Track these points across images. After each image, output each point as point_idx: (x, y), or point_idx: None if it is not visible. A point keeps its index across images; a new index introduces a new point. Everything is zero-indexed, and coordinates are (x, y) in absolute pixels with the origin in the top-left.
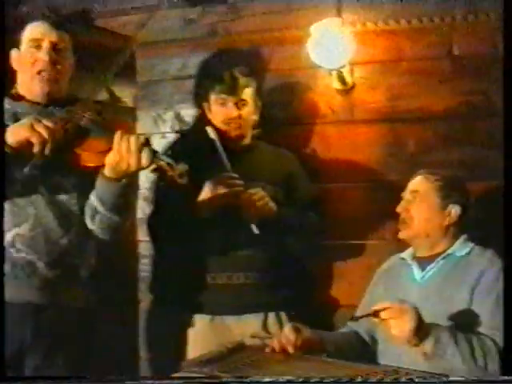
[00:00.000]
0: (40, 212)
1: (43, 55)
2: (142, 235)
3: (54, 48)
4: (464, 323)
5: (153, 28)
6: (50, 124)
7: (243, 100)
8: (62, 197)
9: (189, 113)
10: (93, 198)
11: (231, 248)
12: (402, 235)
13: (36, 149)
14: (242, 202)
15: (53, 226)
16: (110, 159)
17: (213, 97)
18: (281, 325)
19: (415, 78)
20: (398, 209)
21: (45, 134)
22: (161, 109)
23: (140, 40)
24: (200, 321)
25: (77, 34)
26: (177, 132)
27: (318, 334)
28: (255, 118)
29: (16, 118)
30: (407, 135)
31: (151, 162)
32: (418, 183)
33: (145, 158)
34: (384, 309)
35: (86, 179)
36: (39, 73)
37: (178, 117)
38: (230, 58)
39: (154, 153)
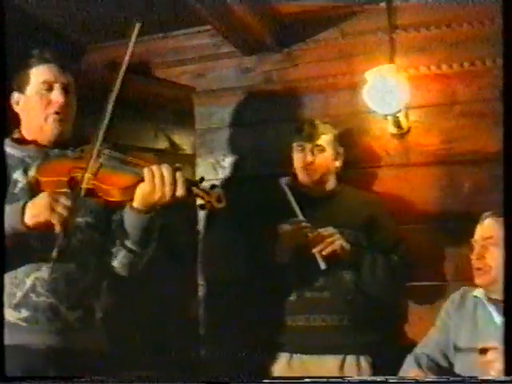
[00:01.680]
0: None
1: (58, 97)
2: (201, 279)
3: (65, 89)
4: None
5: (210, 77)
6: (67, 202)
7: (319, 146)
8: (80, 236)
9: None
10: (117, 233)
11: (308, 290)
12: (478, 282)
13: (57, 230)
14: (312, 242)
15: (72, 268)
16: (142, 190)
17: (294, 144)
18: (359, 367)
19: (469, 120)
20: (473, 256)
21: (64, 213)
22: (219, 155)
23: (198, 89)
24: (279, 359)
25: (135, 82)
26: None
27: None
28: (337, 164)
29: (25, 165)
30: (463, 177)
31: (186, 192)
32: (490, 228)
33: (180, 187)
34: (490, 348)
35: (105, 216)
36: (55, 114)
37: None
38: (286, 105)
39: (188, 182)
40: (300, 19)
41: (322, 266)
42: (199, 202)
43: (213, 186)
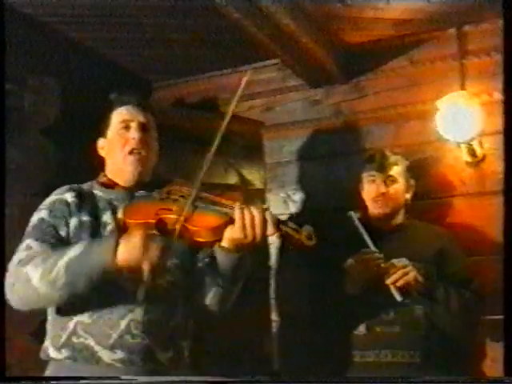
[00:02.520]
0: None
1: (134, 133)
2: (275, 315)
3: (143, 127)
4: None
5: (278, 110)
6: (160, 245)
7: (391, 176)
8: (168, 278)
9: None
10: (207, 272)
11: (378, 324)
12: None
13: (145, 273)
14: (385, 273)
15: (163, 308)
16: (233, 233)
17: (364, 175)
18: None
19: None
20: None
21: (156, 256)
22: (290, 189)
23: (266, 123)
24: None
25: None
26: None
27: None
28: (408, 196)
29: (113, 207)
30: None
31: (276, 230)
32: None
33: (270, 227)
34: None
35: (189, 256)
36: (131, 152)
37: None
38: (356, 137)
39: (276, 220)
40: (367, 49)
41: (398, 297)
42: (284, 236)
43: (301, 225)
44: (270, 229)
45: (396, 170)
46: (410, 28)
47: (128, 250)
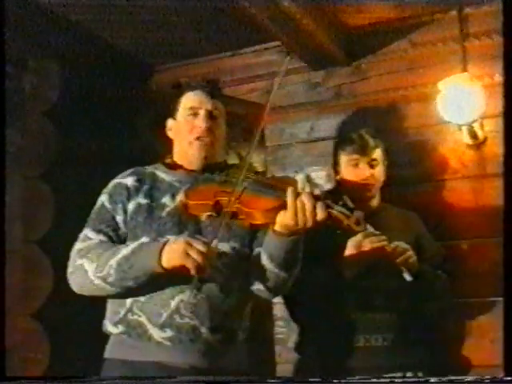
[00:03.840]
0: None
1: (201, 122)
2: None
3: (210, 115)
4: None
5: (279, 93)
6: (202, 247)
7: (375, 160)
8: (225, 260)
9: (319, 175)
10: (262, 256)
11: (369, 310)
12: None
13: (193, 273)
14: (388, 256)
15: (214, 291)
16: (285, 218)
17: (344, 158)
18: None
19: None
20: None
21: (199, 259)
22: (291, 172)
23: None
24: None
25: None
26: None
27: None
28: (383, 179)
29: (174, 190)
30: None
31: (327, 215)
32: None
33: (320, 212)
34: None
35: (248, 240)
36: (197, 139)
37: (309, 179)
38: (357, 119)
39: (326, 205)
40: (368, 31)
41: (408, 277)
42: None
43: (352, 209)
44: (321, 214)
45: (378, 153)
46: (411, 10)
47: (171, 257)
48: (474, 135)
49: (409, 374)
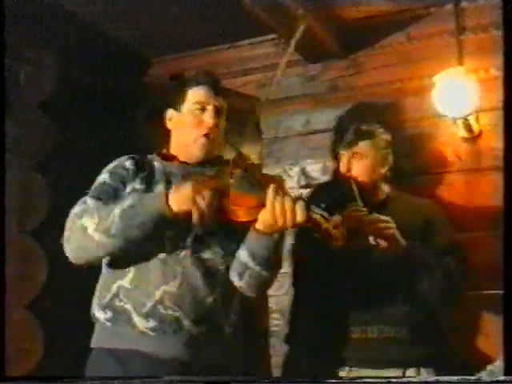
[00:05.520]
0: (187, 270)
1: (210, 118)
2: (273, 290)
3: (217, 112)
4: None
5: (275, 86)
6: (208, 195)
7: (357, 153)
8: (208, 255)
9: (315, 167)
10: (242, 253)
11: (365, 301)
12: None
13: (195, 220)
14: (367, 228)
15: (199, 285)
16: (264, 217)
17: (344, 152)
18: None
19: None
20: None
21: (204, 206)
22: (287, 164)
23: (263, 98)
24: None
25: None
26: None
27: None
28: (383, 171)
29: (167, 179)
30: None
31: (306, 217)
32: None
33: (300, 214)
34: None
35: (232, 236)
36: (205, 135)
37: (304, 172)
38: (353, 113)
39: (307, 207)
40: (364, 25)
41: (372, 241)
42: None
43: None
44: (300, 216)
45: (361, 146)
46: (408, 4)
47: (179, 198)
48: (469, 129)
49: (407, 371)
